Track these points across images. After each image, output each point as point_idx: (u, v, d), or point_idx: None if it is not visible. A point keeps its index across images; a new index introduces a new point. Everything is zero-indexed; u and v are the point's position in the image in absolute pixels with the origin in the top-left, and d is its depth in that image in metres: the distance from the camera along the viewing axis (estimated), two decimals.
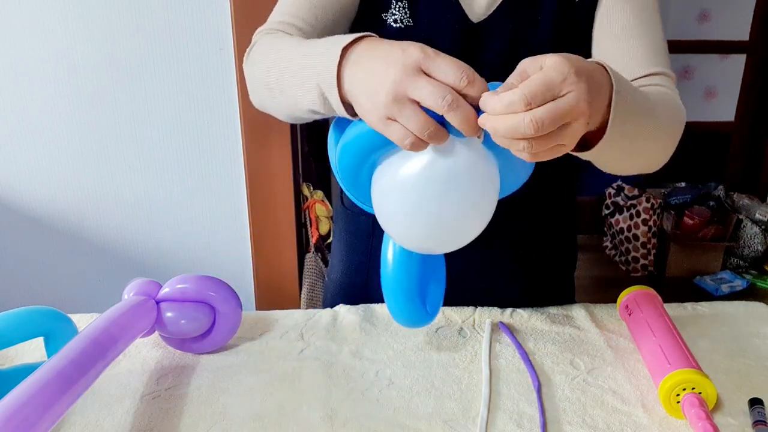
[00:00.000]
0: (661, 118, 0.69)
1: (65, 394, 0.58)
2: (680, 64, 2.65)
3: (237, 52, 1.42)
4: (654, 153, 0.71)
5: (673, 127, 0.72)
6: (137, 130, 1.48)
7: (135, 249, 1.58)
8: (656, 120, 0.68)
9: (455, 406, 0.68)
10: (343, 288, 1.00)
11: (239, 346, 0.79)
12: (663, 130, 0.69)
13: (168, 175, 1.52)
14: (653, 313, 0.77)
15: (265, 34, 0.80)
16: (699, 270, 2.54)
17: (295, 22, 0.80)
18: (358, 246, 0.97)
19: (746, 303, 0.90)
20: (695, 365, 0.67)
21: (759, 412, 0.65)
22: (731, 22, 2.59)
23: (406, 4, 0.82)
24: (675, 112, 0.74)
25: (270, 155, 1.51)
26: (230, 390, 0.71)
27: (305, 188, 1.69)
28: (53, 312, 0.71)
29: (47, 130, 1.46)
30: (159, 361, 0.77)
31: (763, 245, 2.55)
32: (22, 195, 1.52)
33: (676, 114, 0.74)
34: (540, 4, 0.81)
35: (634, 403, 0.69)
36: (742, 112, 2.71)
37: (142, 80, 1.44)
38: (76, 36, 1.40)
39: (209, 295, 0.77)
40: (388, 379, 0.73)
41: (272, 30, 0.80)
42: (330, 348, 0.79)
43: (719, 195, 2.66)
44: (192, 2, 1.39)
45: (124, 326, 0.69)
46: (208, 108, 1.47)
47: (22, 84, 1.43)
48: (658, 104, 0.69)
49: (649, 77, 0.77)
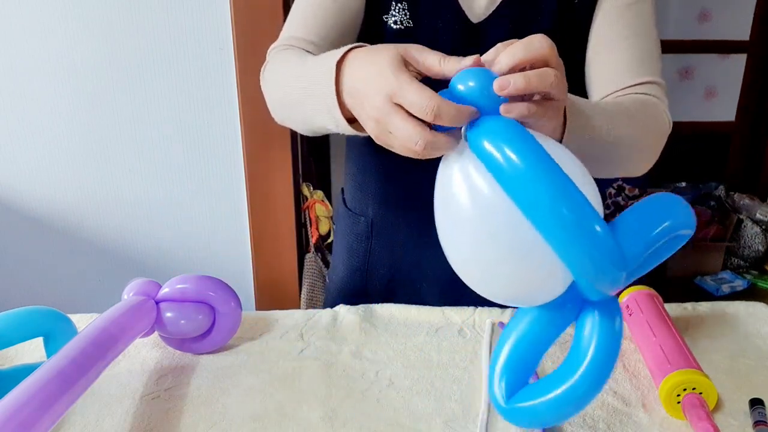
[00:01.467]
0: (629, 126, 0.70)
1: (65, 394, 0.57)
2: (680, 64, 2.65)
3: (237, 52, 1.42)
4: (627, 162, 0.72)
5: (647, 136, 0.74)
6: (137, 130, 1.48)
7: (135, 249, 1.58)
8: (621, 126, 0.69)
9: (455, 406, 0.68)
10: (345, 289, 1.00)
11: (239, 346, 0.79)
12: (632, 136, 0.70)
13: (168, 175, 1.52)
14: (654, 313, 0.77)
15: (277, 51, 0.81)
16: (699, 270, 2.53)
17: (305, 36, 0.81)
18: (358, 247, 0.98)
19: (747, 303, 0.89)
20: (696, 365, 0.67)
21: (760, 412, 0.65)
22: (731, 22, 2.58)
23: (405, 5, 0.82)
24: (652, 121, 0.76)
25: (270, 155, 1.51)
26: (230, 390, 0.71)
27: (305, 188, 1.69)
28: (53, 312, 0.71)
29: (47, 130, 1.46)
30: (159, 361, 0.77)
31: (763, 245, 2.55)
32: (22, 195, 1.52)
33: (653, 123, 0.76)
34: (539, 4, 0.81)
35: (634, 404, 0.68)
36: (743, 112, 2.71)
37: (142, 80, 1.44)
38: (76, 36, 1.40)
39: (209, 295, 0.76)
40: (388, 379, 0.73)
41: (284, 47, 0.81)
42: (330, 348, 0.78)
43: (719, 195, 2.66)
44: (192, 2, 1.39)
45: (123, 326, 0.69)
46: (208, 108, 1.47)
47: (22, 84, 1.42)
48: (631, 114, 0.72)
49: (637, 86, 0.79)
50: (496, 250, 0.52)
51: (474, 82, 0.52)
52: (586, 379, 0.55)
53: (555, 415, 0.58)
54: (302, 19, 0.82)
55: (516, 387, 0.59)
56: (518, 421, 0.60)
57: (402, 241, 0.94)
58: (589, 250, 0.48)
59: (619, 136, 0.69)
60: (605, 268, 0.49)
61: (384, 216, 0.94)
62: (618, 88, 0.79)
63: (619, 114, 0.70)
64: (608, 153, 0.68)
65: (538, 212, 0.48)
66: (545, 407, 0.57)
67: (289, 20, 0.84)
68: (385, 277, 0.97)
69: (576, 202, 0.48)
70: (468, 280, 0.57)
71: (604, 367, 0.55)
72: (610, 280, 0.50)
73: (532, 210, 0.49)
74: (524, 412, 0.58)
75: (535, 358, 0.60)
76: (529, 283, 0.54)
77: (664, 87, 0.81)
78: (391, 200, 0.93)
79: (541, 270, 0.52)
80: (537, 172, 0.48)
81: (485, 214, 0.52)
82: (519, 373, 0.59)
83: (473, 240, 0.53)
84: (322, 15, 0.81)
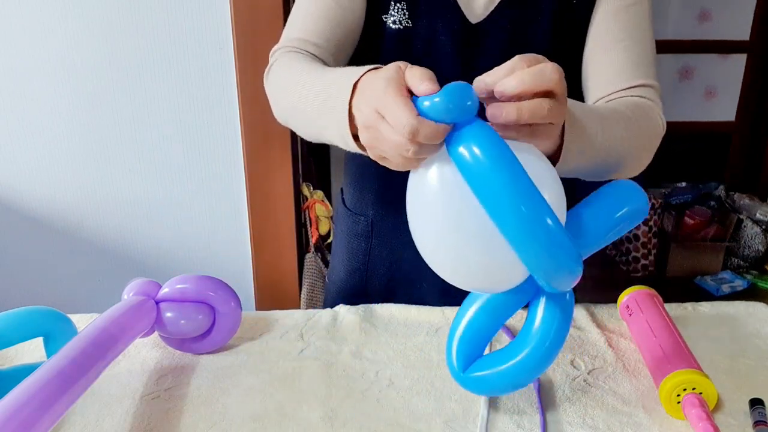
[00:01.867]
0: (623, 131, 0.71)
1: (65, 394, 0.57)
2: (680, 64, 2.65)
3: (237, 52, 1.42)
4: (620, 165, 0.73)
5: (641, 139, 0.75)
6: (137, 130, 1.48)
7: (135, 249, 1.58)
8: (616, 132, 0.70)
9: (455, 406, 0.68)
10: (345, 289, 1.00)
11: (239, 346, 0.79)
12: (626, 141, 0.72)
13: (168, 175, 1.52)
14: (654, 314, 0.77)
15: (283, 53, 0.81)
16: (700, 270, 2.53)
17: (308, 38, 0.80)
18: (358, 247, 0.98)
19: (747, 303, 0.90)
20: (696, 365, 0.67)
21: (759, 412, 0.65)
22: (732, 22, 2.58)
23: (404, 5, 0.82)
24: (647, 124, 0.77)
25: (270, 155, 1.51)
26: (230, 390, 0.71)
27: (305, 188, 1.69)
28: (53, 312, 0.71)
29: (47, 130, 1.46)
30: (159, 361, 0.77)
31: (763, 245, 2.55)
32: (22, 195, 1.52)
33: (647, 127, 0.77)
34: (538, 4, 0.82)
35: (634, 404, 0.68)
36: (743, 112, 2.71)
37: (141, 80, 1.44)
38: (76, 36, 1.40)
39: (209, 295, 0.76)
40: (388, 379, 0.73)
41: (289, 48, 0.81)
42: (330, 348, 0.79)
43: (720, 195, 2.66)
44: (192, 2, 1.39)
45: (123, 326, 0.69)
46: (208, 108, 1.47)
47: (22, 84, 1.42)
48: (625, 118, 0.72)
49: (632, 89, 0.80)
50: (462, 238, 0.55)
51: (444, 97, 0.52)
52: (534, 355, 0.61)
53: (506, 384, 0.64)
54: (304, 20, 0.82)
55: (471, 359, 0.65)
56: (473, 388, 0.66)
57: (402, 241, 0.94)
58: (544, 248, 0.52)
59: (614, 141, 0.69)
60: (560, 266, 0.53)
61: (384, 216, 0.94)
62: (613, 91, 0.80)
63: (613, 119, 0.70)
64: (602, 157, 0.69)
65: (498, 210, 0.52)
66: (497, 377, 0.63)
67: (291, 21, 0.84)
68: (385, 277, 0.97)
69: (533, 201, 0.51)
70: (436, 268, 0.60)
71: (552, 345, 0.61)
72: (565, 277, 0.54)
73: (493, 207, 0.52)
74: (478, 381, 0.65)
75: (489, 334, 0.65)
76: (493, 271, 0.57)
77: (658, 90, 0.82)
78: (391, 200, 0.93)
79: (503, 259, 0.55)
80: (499, 173, 0.51)
81: (452, 202, 0.55)
82: (473, 347, 0.65)
83: (441, 228, 0.56)
84: (325, 17, 0.81)
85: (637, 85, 0.80)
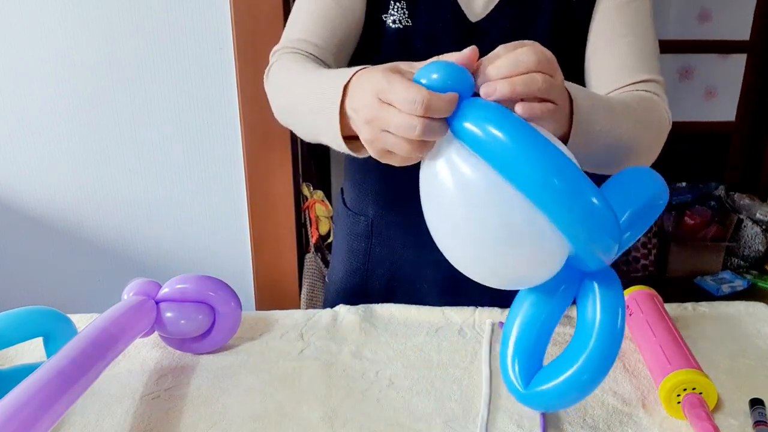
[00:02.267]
0: (631, 124, 0.71)
1: (65, 394, 0.57)
2: (680, 64, 2.65)
3: (237, 52, 1.42)
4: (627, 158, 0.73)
5: (648, 133, 0.74)
6: (137, 130, 1.48)
7: (135, 249, 1.58)
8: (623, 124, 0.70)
9: (455, 406, 0.68)
10: (345, 289, 1.00)
11: (239, 346, 0.79)
12: (634, 134, 0.71)
13: (168, 175, 1.52)
14: (654, 313, 0.77)
15: (283, 53, 0.81)
16: (699, 270, 2.53)
17: (309, 39, 0.80)
18: (358, 247, 0.98)
19: (747, 303, 0.89)
20: (696, 365, 0.67)
21: (760, 412, 0.65)
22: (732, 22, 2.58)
23: (404, 4, 0.82)
24: (653, 118, 0.76)
25: (270, 155, 1.51)
26: (230, 390, 0.71)
27: (305, 188, 1.69)
28: (53, 312, 0.71)
29: (47, 130, 1.46)
30: (159, 361, 0.77)
31: (763, 245, 2.54)
32: (22, 195, 1.52)
33: (654, 119, 0.76)
34: (538, 3, 0.81)
35: (634, 404, 0.68)
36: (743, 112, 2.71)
37: (141, 80, 1.44)
38: (76, 36, 1.40)
39: (209, 296, 0.76)
40: (388, 379, 0.73)
41: (289, 49, 0.81)
42: (330, 348, 0.78)
43: (720, 195, 2.66)
44: (192, 2, 1.39)
45: (123, 326, 0.69)
46: (208, 108, 1.47)
47: (22, 84, 1.42)
48: (632, 111, 0.72)
49: (637, 84, 0.80)
50: (485, 233, 0.53)
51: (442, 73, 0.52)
52: (598, 352, 0.56)
53: (576, 392, 0.58)
54: (305, 21, 0.82)
55: (530, 372, 0.60)
56: (540, 405, 0.61)
57: (402, 241, 0.94)
58: (584, 216, 0.50)
59: (621, 133, 0.69)
60: (602, 232, 0.51)
61: (384, 216, 0.94)
62: (617, 86, 0.80)
63: (620, 110, 0.70)
64: (609, 149, 0.68)
65: (530, 185, 0.50)
66: (565, 386, 0.57)
67: (291, 21, 0.84)
68: (385, 277, 0.97)
69: (567, 170, 0.50)
70: (461, 266, 0.57)
71: (614, 337, 0.56)
72: (607, 244, 0.52)
73: (525, 183, 0.50)
74: (545, 395, 0.59)
75: (544, 341, 0.60)
76: (521, 264, 0.55)
77: (663, 84, 0.82)
78: (392, 200, 0.93)
79: (531, 250, 0.53)
80: (525, 145, 0.49)
81: (471, 197, 0.53)
82: (531, 358, 0.60)
83: (462, 225, 0.54)
84: (325, 17, 0.81)
85: (641, 80, 0.79)
